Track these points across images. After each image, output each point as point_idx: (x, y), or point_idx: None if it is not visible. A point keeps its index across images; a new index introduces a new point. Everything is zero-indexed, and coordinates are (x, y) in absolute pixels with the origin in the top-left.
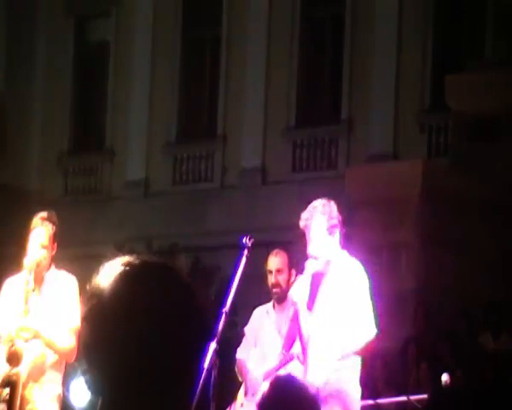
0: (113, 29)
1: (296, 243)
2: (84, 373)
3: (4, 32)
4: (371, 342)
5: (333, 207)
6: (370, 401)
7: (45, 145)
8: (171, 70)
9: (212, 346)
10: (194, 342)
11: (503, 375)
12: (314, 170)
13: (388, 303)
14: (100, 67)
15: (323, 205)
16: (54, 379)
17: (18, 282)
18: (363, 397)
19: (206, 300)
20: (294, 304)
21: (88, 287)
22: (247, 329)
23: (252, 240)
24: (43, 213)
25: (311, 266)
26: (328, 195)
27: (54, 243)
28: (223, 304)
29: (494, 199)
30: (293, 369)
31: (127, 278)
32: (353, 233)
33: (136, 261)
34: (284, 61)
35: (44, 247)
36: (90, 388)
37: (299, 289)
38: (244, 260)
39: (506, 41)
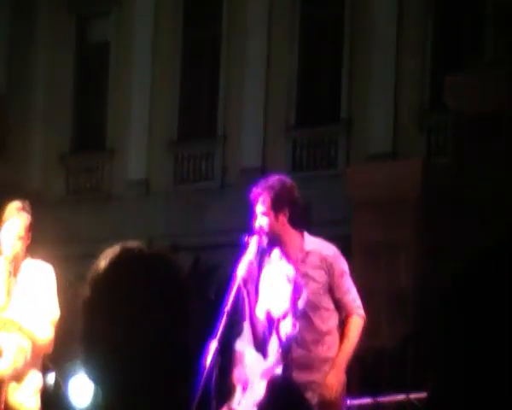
0: (113, 29)
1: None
2: (83, 364)
3: (5, 32)
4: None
5: (285, 184)
6: (370, 400)
7: (46, 145)
8: (172, 70)
9: (214, 345)
10: (192, 335)
11: (503, 375)
12: (314, 169)
13: (388, 302)
14: (100, 67)
15: (276, 180)
16: (33, 373)
17: None
18: (364, 395)
19: (203, 297)
20: (241, 283)
21: (86, 279)
22: (245, 323)
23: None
24: (18, 203)
25: (255, 243)
26: (328, 194)
27: (29, 232)
28: (223, 303)
29: (494, 199)
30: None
31: (121, 270)
32: (353, 233)
33: (131, 252)
34: (284, 60)
35: (20, 237)
36: (90, 378)
37: (245, 268)
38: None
39: (506, 40)
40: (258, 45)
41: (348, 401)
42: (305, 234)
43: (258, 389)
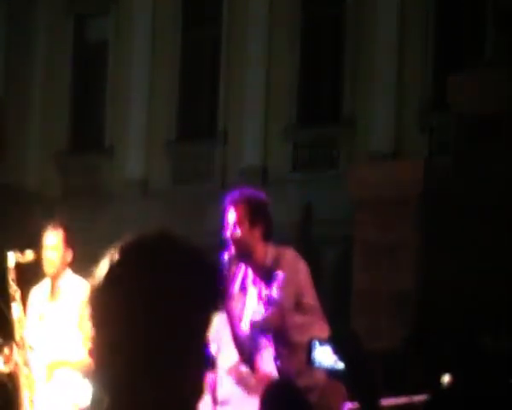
0: (112, 28)
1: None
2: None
3: (3, 31)
4: None
5: (262, 199)
6: None
7: (44, 144)
8: (171, 69)
9: (213, 347)
10: (203, 312)
11: (504, 375)
12: (315, 169)
13: (388, 302)
14: (99, 66)
15: (252, 193)
16: (68, 386)
17: (38, 291)
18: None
19: (213, 261)
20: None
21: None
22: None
23: None
24: (53, 220)
25: (226, 257)
26: (329, 194)
27: (67, 247)
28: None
29: (495, 199)
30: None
31: (124, 258)
32: (354, 233)
33: (130, 240)
34: (285, 60)
35: (55, 249)
36: (94, 377)
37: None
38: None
39: (506, 40)
40: (258, 45)
41: (351, 405)
42: (270, 248)
43: (225, 386)
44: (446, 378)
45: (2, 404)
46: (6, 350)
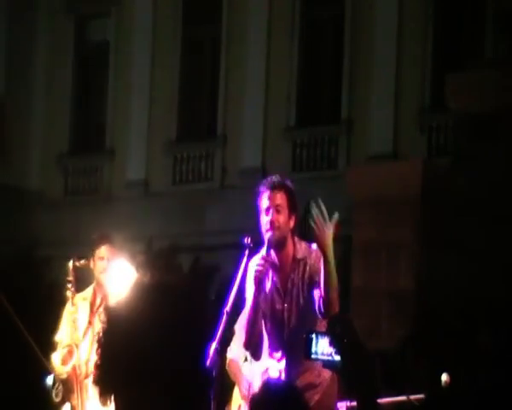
0: (113, 29)
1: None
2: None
3: (4, 32)
4: None
5: (293, 188)
6: None
7: (45, 145)
8: (171, 70)
9: (213, 346)
10: (197, 344)
11: (502, 374)
12: (314, 170)
13: (388, 302)
14: (100, 67)
15: (290, 183)
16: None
17: (82, 297)
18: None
19: (205, 301)
20: (257, 282)
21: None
22: (237, 327)
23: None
24: (103, 233)
25: (267, 239)
26: (328, 194)
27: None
28: (223, 304)
29: (494, 199)
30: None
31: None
32: (353, 233)
33: (140, 281)
34: (284, 60)
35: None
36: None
37: (261, 264)
38: (245, 260)
39: (506, 40)
40: (257, 45)
41: (348, 403)
42: (299, 241)
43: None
44: (445, 377)
45: (60, 401)
46: (65, 351)
